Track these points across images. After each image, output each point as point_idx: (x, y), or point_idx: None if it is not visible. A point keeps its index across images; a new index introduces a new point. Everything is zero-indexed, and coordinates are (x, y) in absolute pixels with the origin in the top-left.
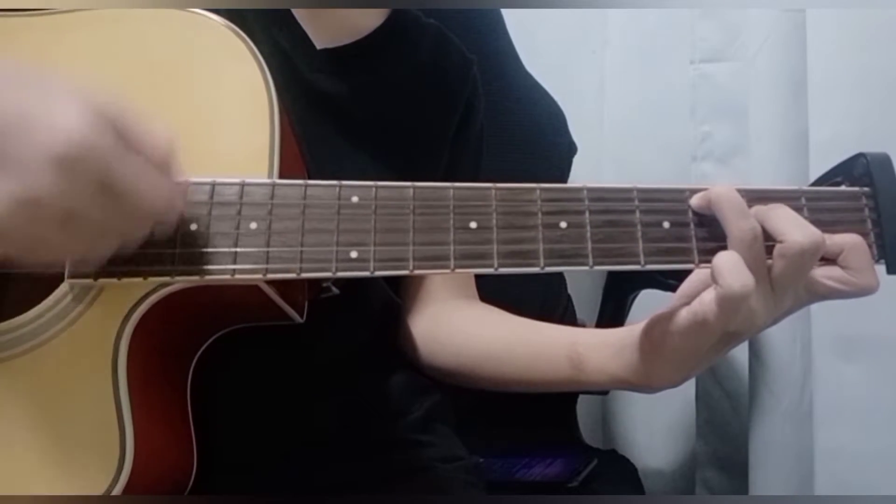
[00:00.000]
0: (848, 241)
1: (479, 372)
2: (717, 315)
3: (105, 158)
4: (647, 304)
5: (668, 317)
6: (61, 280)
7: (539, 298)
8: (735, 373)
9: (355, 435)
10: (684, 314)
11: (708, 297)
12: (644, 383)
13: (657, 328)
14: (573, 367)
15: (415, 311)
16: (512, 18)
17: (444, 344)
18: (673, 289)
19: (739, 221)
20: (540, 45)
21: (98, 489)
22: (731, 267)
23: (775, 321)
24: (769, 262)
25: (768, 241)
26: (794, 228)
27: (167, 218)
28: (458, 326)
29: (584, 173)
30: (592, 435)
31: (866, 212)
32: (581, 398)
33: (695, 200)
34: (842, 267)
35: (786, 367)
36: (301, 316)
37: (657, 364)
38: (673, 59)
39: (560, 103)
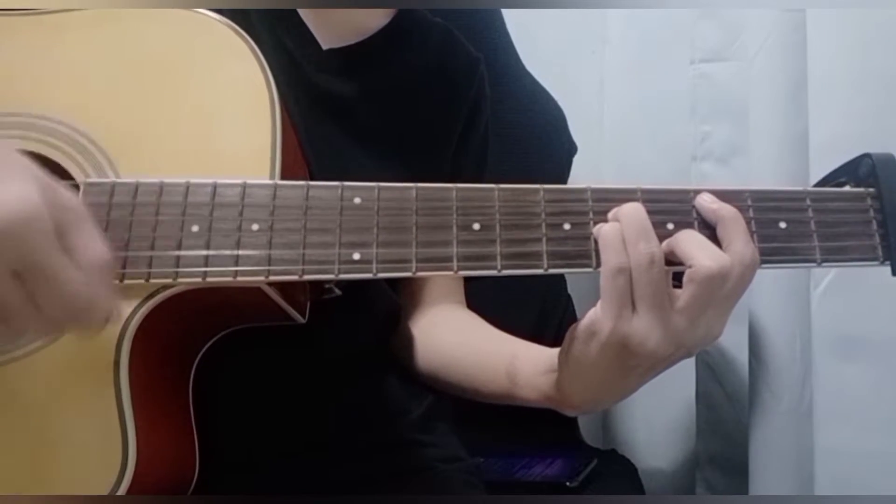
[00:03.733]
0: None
1: (441, 378)
2: (601, 310)
3: (27, 246)
4: None
5: (574, 326)
6: None
7: (539, 298)
8: (735, 373)
9: (356, 435)
10: (582, 320)
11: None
12: (561, 401)
13: (566, 338)
14: (510, 382)
15: (412, 318)
16: (512, 18)
17: (420, 349)
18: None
19: (639, 243)
20: (540, 45)
21: (101, 490)
22: (608, 242)
23: (690, 352)
24: (678, 290)
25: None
26: (701, 253)
27: (80, 323)
28: (432, 331)
29: (584, 173)
30: (592, 435)
31: (871, 213)
32: None
33: (610, 214)
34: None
35: (786, 367)
36: (303, 316)
37: (568, 378)
38: (673, 59)
39: (560, 103)
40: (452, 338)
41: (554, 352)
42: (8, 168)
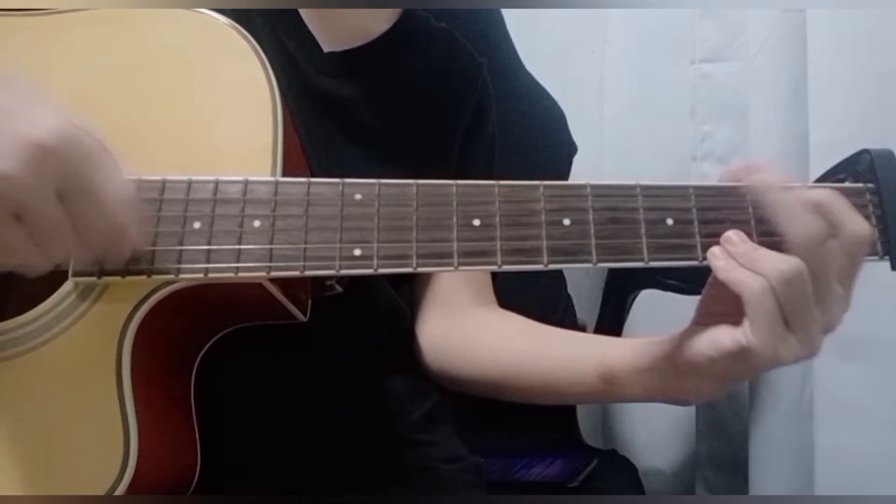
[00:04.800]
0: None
1: (506, 385)
2: (754, 335)
3: (75, 162)
4: (648, 304)
5: (707, 344)
6: (65, 278)
7: (539, 299)
8: None
9: (356, 435)
10: (728, 344)
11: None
12: (681, 397)
13: (697, 355)
14: (605, 382)
15: (427, 318)
16: (512, 18)
17: (468, 358)
18: (673, 289)
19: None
20: (540, 45)
21: (102, 488)
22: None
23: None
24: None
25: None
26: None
27: (112, 253)
28: (481, 338)
29: (584, 173)
30: (592, 435)
31: (870, 208)
32: None
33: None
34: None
35: (786, 368)
36: (304, 315)
37: (694, 380)
38: (673, 59)
39: (560, 103)
40: (520, 342)
41: (651, 347)
42: (43, 101)
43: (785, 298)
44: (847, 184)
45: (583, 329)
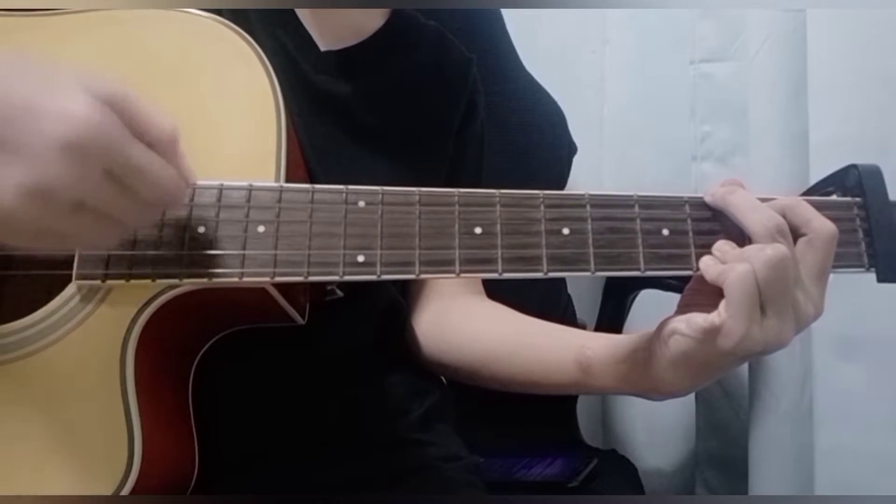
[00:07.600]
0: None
1: (483, 371)
2: (730, 316)
3: (111, 144)
4: (648, 304)
5: (683, 323)
6: (69, 281)
7: (539, 298)
8: (735, 373)
9: (356, 434)
10: (700, 322)
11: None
12: (652, 390)
13: (671, 334)
14: (581, 371)
15: (420, 308)
16: (512, 18)
17: (448, 342)
18: (673, 288)
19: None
20: (540, 45)
21: (107, 489)
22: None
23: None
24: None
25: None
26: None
27: (175, 202)
28: (463, 324)
29: (584, 173)
30: (592, 435)
31: (857, 221)
32: (581, 398)
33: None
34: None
35: (786, 367)
36: (303, 317)
37: (668, 371)
38: (673, 59)
39: (560, 103)
40: (500, 329)
41: (629, 338)
42: (60, 83)
43: (766, 282)
44: (835, 197)
45: (583, 329)
